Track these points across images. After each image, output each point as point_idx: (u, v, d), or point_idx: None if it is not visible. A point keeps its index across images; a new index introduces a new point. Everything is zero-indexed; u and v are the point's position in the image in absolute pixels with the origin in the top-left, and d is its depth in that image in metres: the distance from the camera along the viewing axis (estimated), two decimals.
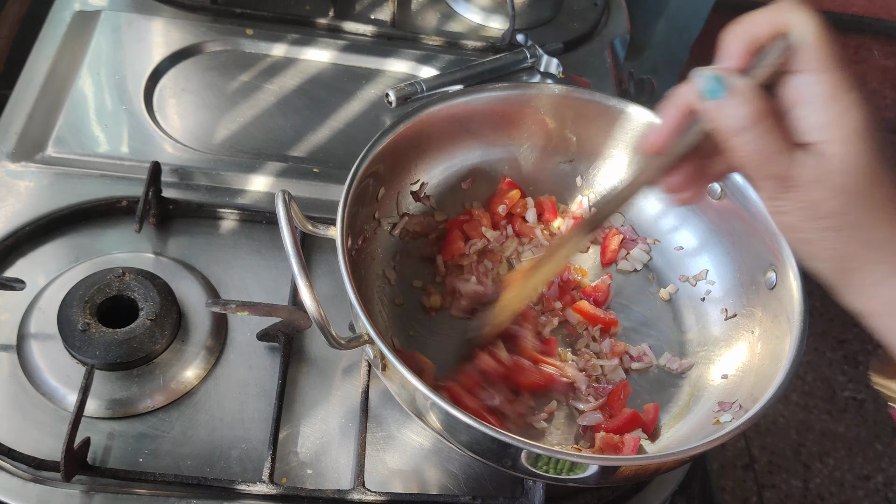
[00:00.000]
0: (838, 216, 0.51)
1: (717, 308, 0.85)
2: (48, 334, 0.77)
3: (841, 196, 0.51)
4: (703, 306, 0.86)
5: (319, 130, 1.02)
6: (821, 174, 0.51)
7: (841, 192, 0.51)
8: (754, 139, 0.51)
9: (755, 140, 0.51)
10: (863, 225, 0.51)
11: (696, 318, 0.86)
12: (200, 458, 0.73)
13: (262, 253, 0.89)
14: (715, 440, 0.64)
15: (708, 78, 0.53)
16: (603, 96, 0.87)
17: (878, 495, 1.95)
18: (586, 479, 0.65)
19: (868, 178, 0.50)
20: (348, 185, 0.74)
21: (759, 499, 1.91)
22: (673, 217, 0.90)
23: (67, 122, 0.95)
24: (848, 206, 0.51)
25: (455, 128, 0.87)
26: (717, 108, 0.53)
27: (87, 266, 0.83)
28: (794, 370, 0.69)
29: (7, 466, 0.70)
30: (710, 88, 0.53)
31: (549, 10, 1.24)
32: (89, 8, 1.08)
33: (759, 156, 0.52)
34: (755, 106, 0.51)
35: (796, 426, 2.04)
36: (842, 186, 0.50)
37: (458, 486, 0.75)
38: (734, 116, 0.52)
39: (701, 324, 0.86)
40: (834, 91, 0.50)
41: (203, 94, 1.03)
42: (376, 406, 0.79)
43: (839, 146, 0.50)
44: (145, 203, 0.85)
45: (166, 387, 0.76)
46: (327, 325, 0.63)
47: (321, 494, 0.71)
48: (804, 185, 0.51)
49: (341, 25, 1.14)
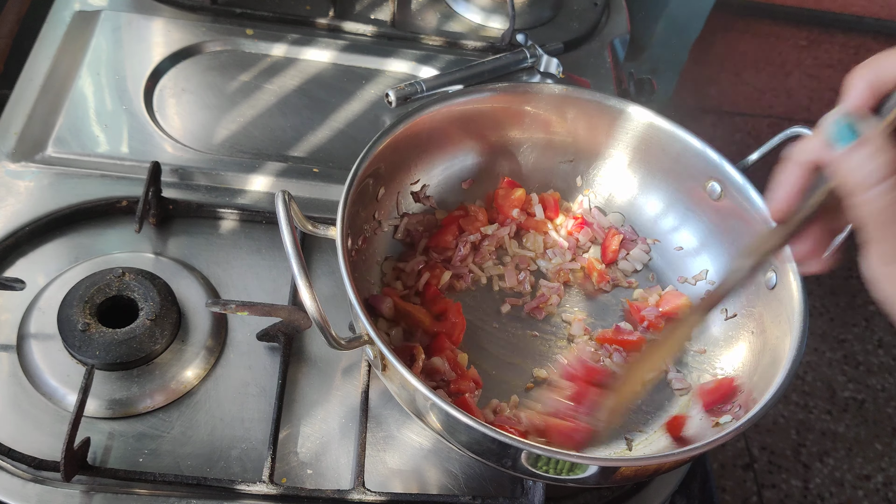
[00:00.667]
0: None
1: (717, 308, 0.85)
2: (48, 334, 0.77)
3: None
4: None
5: (319, 130, 1.02)
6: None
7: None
8: (884, 195, 0.47)
9: (884, 196, 0.47)
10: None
11: None
12: (200, 458, 0.73)
13: (262, 253, 0.89)
14: (715, 440, 0.64)
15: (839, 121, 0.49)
16: (603, 96, 0.87)
17: (878, 495, 1.95)
18: (586, 479, 0.65)
19: None
20: (348, 185, 0.74)
21: (759, 499, 1.91)
22: (673, 217, 0.90)
23: (67, 122, 0.95)
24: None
25: (455, 128, 0.87)
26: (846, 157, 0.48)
27: (87, 266, 0.83)
28: (794, 370, 0.69)
29: (7, 466, 0.70)
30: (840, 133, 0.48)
31: (549, 10, 1.24)
32: (89, 8, 1.08)
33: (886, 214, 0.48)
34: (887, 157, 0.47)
35: (796, 426, 2.04)
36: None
37: (458, 486, 0.75)
38: (863, 167, 0.48)
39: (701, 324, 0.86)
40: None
41: (203, 94, 1.03)
42: (376, 406, 0.79)
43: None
44: (145, 203, 0.85)
45: (166, 387, 0.76)
46: (327, 325, 0.63)
47: (321, 494, 0.71)
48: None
49: (341, 25, 1.14)
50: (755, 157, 0.84)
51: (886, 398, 2.09)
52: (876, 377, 2.14)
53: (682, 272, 0.89)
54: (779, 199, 0.55)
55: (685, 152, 0.86)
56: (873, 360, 2.16)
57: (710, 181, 0.85)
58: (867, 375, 2.13)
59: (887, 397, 2.10)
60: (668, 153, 0.87)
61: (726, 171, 0.83)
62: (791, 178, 0.54)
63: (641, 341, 0.84)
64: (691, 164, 0.86)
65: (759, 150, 0.83)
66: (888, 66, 0.49)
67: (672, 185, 0.89)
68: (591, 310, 0.88)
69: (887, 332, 2.22)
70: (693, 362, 0.84)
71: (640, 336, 0.84)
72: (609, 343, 0.84)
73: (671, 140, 0.86)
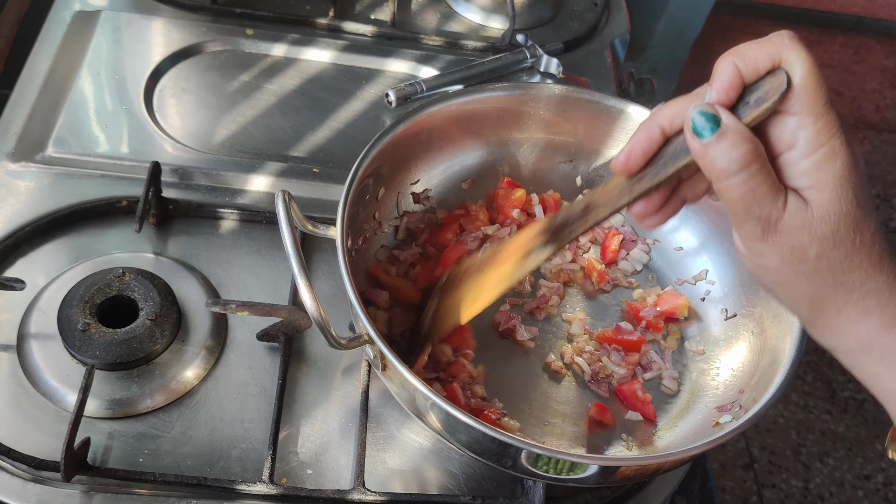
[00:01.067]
0: (817, 261, 0.52)
1: (717, 308, 0.85)
2: (48, 334, 0.77)
3: (822, 242, 0.51)
4: (703, 306, 0.86)
5: (319, 130, 1.02)
6: (805, 221, 0.51)
7: (822, 239, 0.51)
8: (743, 182, 0.51)
9: (744, 183, 0.51)
10: (839, 269, 0.52)
11: (697, 319, 0.86)
12: (200, 458, 0.73)
13: (262, 253, 0.89)
14: (715, 440, 0.64)
15: (700, 116, 0.52)
16: (603, 96, 0.87)
17: (877, 495, 1.95)
18: (586, 479, 0.65)
19: (848, 226, 0.51)
20: (348, 185, 0.74)
21: (759, 499, 1.91)
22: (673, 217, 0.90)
23: (67, 122, 0.95)
24: (827, 252, 0.51)
25: (455, 128, 0.87)
26: (708, 148, 0.52)
27: (87, 266, 0.83)
28: (794, 370, 0.69)
29: (7, 466, 0.70)
30: (702, 127, 0.52)
31: (549, 10, 1.24)
32: (89, 8, 1.08)
33: (747, 199, 0.51)
34: (746, 148, 0.51)
35: (796, 426, 2.04)
36: (823, 233, 0.51)
37: (458, 486, 0.75)
38: (725, 159, 0.51)
39: (701, 324, 0.86)
40: (819, 136, 0.50)
41: (203, 94, 1.03)
42: (376, 406, 0.79)
43: (824, 193, 0.51)
44: (145, 203, 0.85)
45: (166, 387, 0.76)
46: (327, 325, 0.63)
47: (321, 494, 0.71)
48: (788, 230, 0.51)
49: (341, 25, 1.14)
50: None
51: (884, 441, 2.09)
52: None
53: (681, 272, 0.89)
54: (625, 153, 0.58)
55: None
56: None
57: None
58: None
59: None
60: None
61: None
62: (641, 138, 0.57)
63: (641, 341, 0.84)
64: None
65: None
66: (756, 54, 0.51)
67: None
68: (591, 310, 0.88)
69: None
70: (692, 363, 0.84)
71: (640, 336, 0.84)
72: (609, 343, 0.84)
73: None
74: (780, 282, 0.55)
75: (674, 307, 0.86)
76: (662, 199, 0.61)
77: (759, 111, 0.51)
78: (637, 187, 0.59)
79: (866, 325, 0.53)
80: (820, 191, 0.51)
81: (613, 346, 0.84)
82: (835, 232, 0.51)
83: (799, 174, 0.51)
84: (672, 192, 0.61)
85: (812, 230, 0.51)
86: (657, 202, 0.61)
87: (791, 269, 0.53)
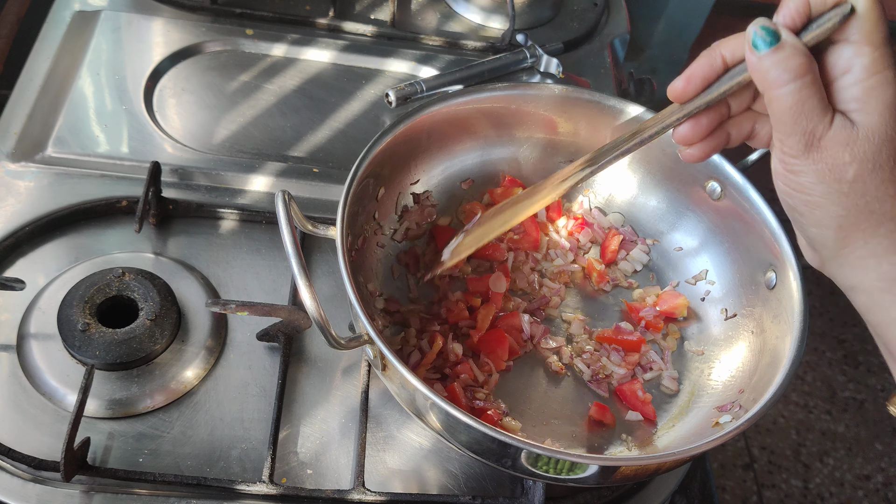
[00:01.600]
0: (854, 182, 0.53)
1: (717, 308, 0.85)
2: (48, 334, 0.77)
3: (862, 163, 0.52)
4: (702, 306, 0.86)
5: (319, 130, 1.02)
6: (848, 139, 0.52)
7: (863, 159, 0.52)
8: (794, 92, 0.53)
9: (795, 93, 0.53)
10: (873, 195, 0.53)
11: (696, 319, 0.86)
12: (200, 458, 0.73)
13: (262, 253, 0.89)
14: (715, 440, 0.64)
15: (760, 29, 0.54)
16: (603, 96, 0.87)
17: (877, 495, 1.96)
18: (586, 479, 0.65)
19: (891, 151, 0.52)
20: (348, 185, 0.74)
21: (759, 499, 1.91)
22: (673, 217, 0.90)
23: (67, 122, 0.95)
24: (865, 175, 0.53)
25: (455, 128, 0.87)
26: (764, 59, 0.54)
27: (87, 266, 0.83)
28: (794, 370, 0.69)
29: (7, 466, 0.70)
30: (762, 39, 0.54)
31: (549, 10, 1.24)
32: (89, 8, 1.08)
33: (795, 110, 0.53)
34: (800, 61, 0.53)
35: (796, 426, 2.04)
36: (865, 154, 0.52)
37: (458, 486, 0.75)
38: (779, 68, 0.53)
39: (701, 324, 0.86)
40: (874, 65, 0.52)
41: (203, 94, 1.03)
42: (376, 406, 0.79)
43: (872, 117, 0.52)
44: (145, 203, 0.85)
45: (166, 387, 0.76)
46: (327, 325, 0.63)
47: (321, 494, 0.71)
48: (830, 146, 0.53)
49: (341, 25, 1.14)
50: (755, 157, 0.84)
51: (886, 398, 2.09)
52: (876, 377, 2.14)
53: (681, 272, 0.89)
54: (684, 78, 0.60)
55: None
56: (873, 360, 2.16)
57: (710, 181, 0.85)
58: (867, 375, 2.13)
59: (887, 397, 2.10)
60: (667, 153, 0.87)
61: (726, 171, 0.82)
62: (701, 65, 0.59)
63: (641, 341, 0.84)
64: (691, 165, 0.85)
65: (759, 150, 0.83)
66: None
67: (672, 185, 0.89)
68: (590, 310, 0.88)
69: None
70: (692, 363, 0.84)
71: (639, 336, 0.84)
72: (609, 342, 0.84)
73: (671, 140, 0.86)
74: (812, 202, 0.55)
75: (673, 307, 0.86)
76: (710, 126, 0.62)
77: (819, 31, 0.53)
78: (688, 105, 0.61)
79: (892, 262, 0.54)
80: (868, 114, 0.52)
81: (613, 346, 0.84)
82: (876, 154, 0.52)
83: (850, 98, 0.53)
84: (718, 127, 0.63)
85: (854, 149, 0.52)
86: (704, 127, 0.62)
87: (825, 189, 0.54)
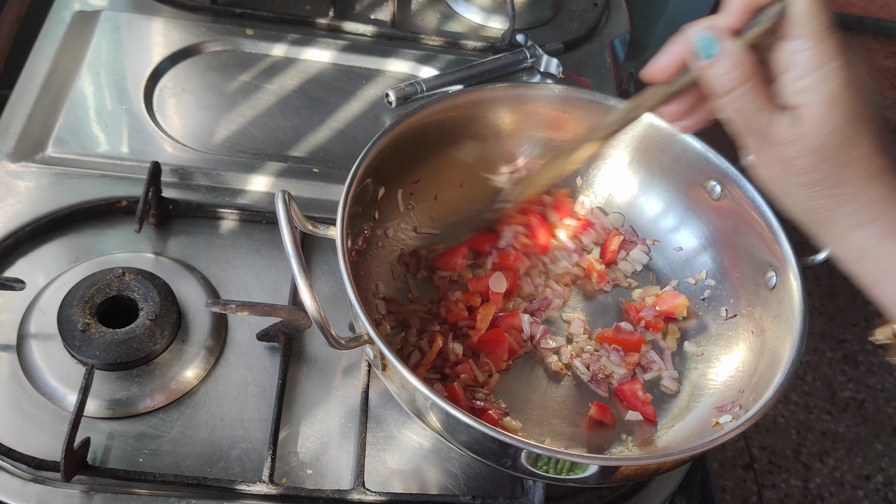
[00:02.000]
0: (810, 173, 0.56)
1: (717, 308, 0.85)
2: (48, 334, 0.77)
3: (813, 155, 0.55)
4: (703, 306, 0.86)
5: (319, 130, 1.02)
6: (796, 135, 0.55)
7: (813, 152, 0.55)
8: (739, 98, 0.57)
9: (740, 99, 0.57)
10: (833, 182, 0.56)
11: (696, 319, 0.86)
12: (200, 458, 0.73)
13: (262, 253, 0.89)
14: (715, 440, 0.64)
15: (701, 37, 0.57)
16: (603, 96, 0.87)
17: (877, 495, 1.95)
18: (586, 479, 0.65)
19: (840, 141, 0.55)
20: (348, 185, 0.74)
21: (759, 499, 1.91)
22: (673, 217, 0.90)
23: (67, 122, 0.95)
24: (819, 165, 0.56)
25: (455, 128, 0.87)
26: (708, 66, 0.57)
27: (87, 266, 0.83)
28: (794, 370, 0.69)
29: (7, 466, 0.70)
30: (703, 47, 0.57)
31: (549, 10, 1.24)
32: (89, 8, 1.08)
33: (742, 113, 0.57)
34: (742, 68, 0.56)
35: (796, 426, 2.04)
36: (814, 147, 0.55)
37: (458, 486, 0.75)
38: (722, 76, 0.57)
39: (701, 324, 0.86)
40: (817, 58, 0.54)
41: (203, 94, 1.03)
42: (376, 406, 0.79)
43: (815, 111, 0.54)
44: (145, 203, 0.85)
45: (166, 387, 0.76)
46: (327, 325, 0.63)
47: (321, 494, 0.71)
48: (781, 143, 0.56)
49: (341, 25, 1.14)
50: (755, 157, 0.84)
51: (886, 398, 2.09)
52: (876, 377, 2.14)
53: (681, 272, 0.89)
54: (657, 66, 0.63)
55: (685, 152, 0.86)
56: (873, 360, 2.16)
57: (710, 181, 0.85)
58: (867, 375, 2.13)
59: (887, 397, 2.10)
60: (667, 153, 0.87)
61: (726, 171, 0.83)
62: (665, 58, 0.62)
63: (641, 341, 0.84)
64: (691, 164, 0.86)
65: None
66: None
67: (672, 185, 0.89)
68: (590, 310, 0.88)
69: None
70: (692, 363, 0.84)
71: (639, 336, 0.84)
72: (609, 342, 0.84)
73: (671, 140, 0.86)
74: (782, 192, 0.60)
75: (673, 307, 0.86)
76: (690, 104, 0.65)
77: (758, 29, 0.56)
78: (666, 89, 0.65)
79: (863, 235, 0.57)
80: (813, 108, 0.55)
81: (613, 346, 0.84)
82: (823, 145, 0.55)
83: (794, 93, 0.55)
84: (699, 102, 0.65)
85: (801, 143, 0.55)
86: (684, 106, 0.66)
87: (787, 181, 0.58)
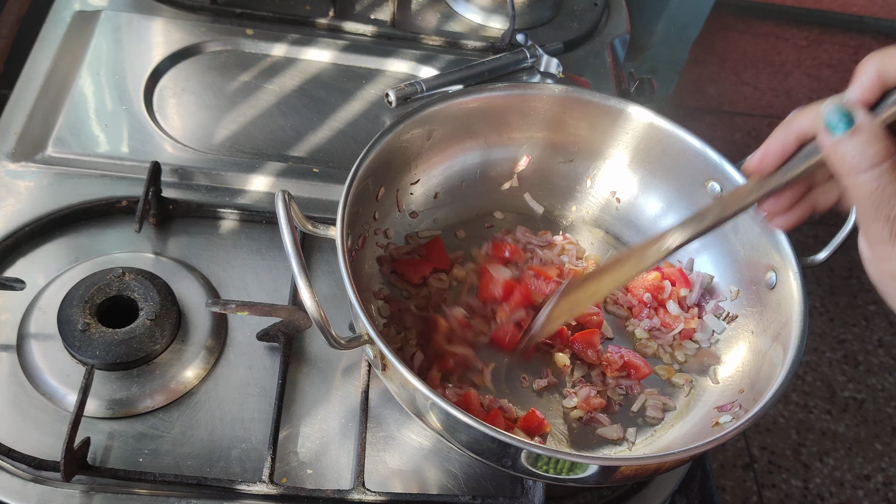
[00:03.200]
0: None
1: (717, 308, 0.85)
2: (48, 334, 0.77)
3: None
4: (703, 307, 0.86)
5: (319, 130, 1.02)
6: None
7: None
8: (873, 180, 0.51)
9: (875, 181, 0.51)
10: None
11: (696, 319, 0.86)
12: (200, 458, 0.73)
13: (262, 253, 0.89)
14: (715, 440, 0.64)
15: (835, 111, 0.52)
16: (603, 96, 0.87)
17: (877, 495, 1.96)
18: (586, 479, 0.65)
19: None
20: (348, 185, 0.74)
21: (759, 499, 1.91)
22: (673, 217, 0.90)
23: (67, 122, 0.95)
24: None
25: (455, 128, 0.87)
26: (839, 144, 0.52)
27: (87, 266, 0.83)
28: (794, 370, 0.69)
29: (7, 466, 0.70)
30: (836, 122, 0.52)
31: (549, 10, 1.24)
32: (89, 8, 1.08)
33: (876, 197, 0.51)
34: (878, 147, 0.51)
35: (796, 426, 2.04)
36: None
37: (458, 486, 0.75)
38: (855, 155, 0.51)
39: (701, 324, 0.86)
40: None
41: (203, 94, 1.03)
42: (376, 406, 0.79)
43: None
44: (145, 203, 0.85)
45: (166, 387, 0.76)
46: (327, 325, 0.63)
47: (321, 494, 0.71)
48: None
49: (341, 25, 1.14)
50: None
51: (886, 398, 2.09)
52: (876, 377, 2.14)
53: None
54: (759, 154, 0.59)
55: (685, 152, 0.86)
56: (873, 360, 2.16)
57: (710, 181, 0.85)
58: (867, 375, 2.13)
59: (887, 397, 2.10)
60: (668, 153, 0.87)
61: (726, 171, 0.82)
62: (777, 140, 0.58)
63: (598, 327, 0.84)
64: (691, 164, 0.86)
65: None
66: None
67: (672, 185, 0.89)
68: None
69: (887, 331, 2.22)
70: (692, 363, 0.84)
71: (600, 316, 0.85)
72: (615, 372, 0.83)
73: (671, 140, 0.86)
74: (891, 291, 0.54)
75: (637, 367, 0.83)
76: (792, 199, 0.61)
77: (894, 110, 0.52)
78: (766, 185, 0.60)
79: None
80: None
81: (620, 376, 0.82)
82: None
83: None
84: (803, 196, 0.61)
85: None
86: (786, 202, 0.61)
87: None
